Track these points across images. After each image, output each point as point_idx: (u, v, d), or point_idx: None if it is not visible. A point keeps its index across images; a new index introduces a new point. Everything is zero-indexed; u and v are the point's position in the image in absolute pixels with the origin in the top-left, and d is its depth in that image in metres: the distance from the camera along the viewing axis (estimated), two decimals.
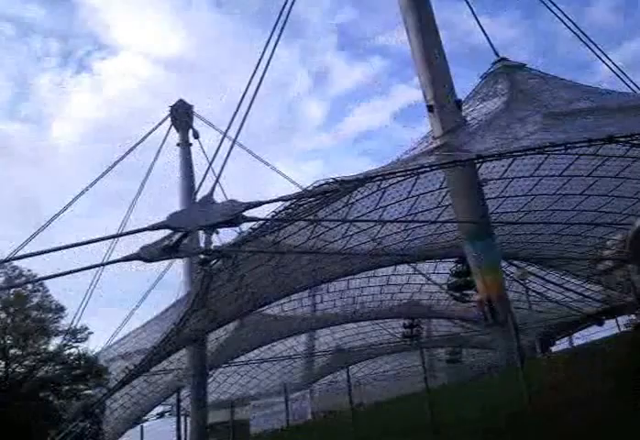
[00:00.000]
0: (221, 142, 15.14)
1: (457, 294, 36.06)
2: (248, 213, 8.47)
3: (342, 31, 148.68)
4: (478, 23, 27.31)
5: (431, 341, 44.45)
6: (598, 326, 37.36)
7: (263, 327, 38.19)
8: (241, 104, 15.21)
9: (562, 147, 13.52)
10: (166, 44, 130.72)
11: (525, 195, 26.51)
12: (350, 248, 25.72)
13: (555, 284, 37.53)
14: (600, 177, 24.44)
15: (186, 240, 8.49)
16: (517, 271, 32.80)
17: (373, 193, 21.95)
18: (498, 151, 15.38)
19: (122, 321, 39.34)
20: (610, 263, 30.95)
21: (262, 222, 15.67)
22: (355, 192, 20.41)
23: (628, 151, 21.10)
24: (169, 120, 39.77)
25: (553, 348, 38.22)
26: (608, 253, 30.15)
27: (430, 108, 22.07)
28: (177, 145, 39.85)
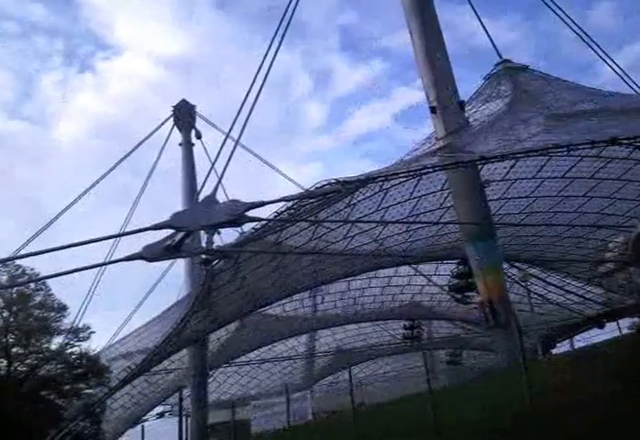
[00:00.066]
0: (224, 143, 15.21)
1: (458, 296, 36.00)
2: (251, 213, 8.44)
3: (344, 33, 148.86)
4: (481, 25, 27.30)
5: (432, 343, 44.37)
6: (599, 329, 37.26)
7: (264, 328, 38.16)
8: (243, 106, 15.25)
9: (565, 148, 13.50)
10: (169, 44, 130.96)
11: (527, 197, 26.48)
12: (352, 249, 25.70)
13: (556, 286, 37.44)
14: (602, 179, 24.40)
15: (188, 240, 8.48)
16: (519, 273, 32.73)
17: (375, 194, 21.92)
18: (501, 153, 15.36)
19: (123, 320, 39.49)
20: (611, 265, 30.91)
21: (265, 222, 15.69)
22: (357, 193, 20.39)
23: (631, 153, 21.06)
24: (171, 120, 39.87)
25: (554, 351, 38.11)
26: (610, 255, 30.11)
27: (433, 109, 22.08)
28: (179, 145, 39.90)
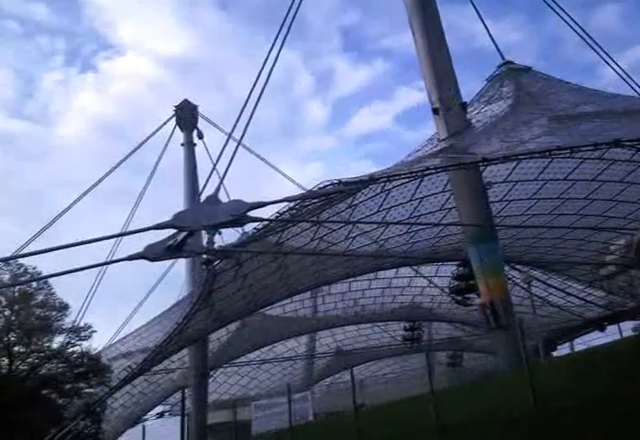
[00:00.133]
0: (226, 143, 15.13)
1: (458, 298, 35.97)
2: (253, 213, 8.44)
3: (345, 34, 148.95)
4: (484, 26, 27.22)
5: (432, 344, 44.33)
6: (600, 332, 37.19)
7: (264, 328, 38.15)
8: (246, 106, 15.21)
9: (568, 150, 13.48)
10: (171, 44, 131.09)
11: (529, 199, 26.43)
12: (353, 250, 25.69)
13: (557, 289, 37.39)
14: (604, 181, 24.36)
15: (190, 240, 8.47)
16: (522, 274, 32.62)
17: (377, 195, 21.91)
18: (503, 154, 15.33)
19: (124, 320, 39.58)
20: (613, 268, 30.85)
21: (266, 222, 15.69)
22: (358, 194, 20.39)
23: (634, 156, 21.03)
24: (173, 120, 39.94)
25: (554, 353, 38.05)
26: (611, 258, 30.06)
27: (435, 111, 22.04)
28: (181, 145, 39.98)
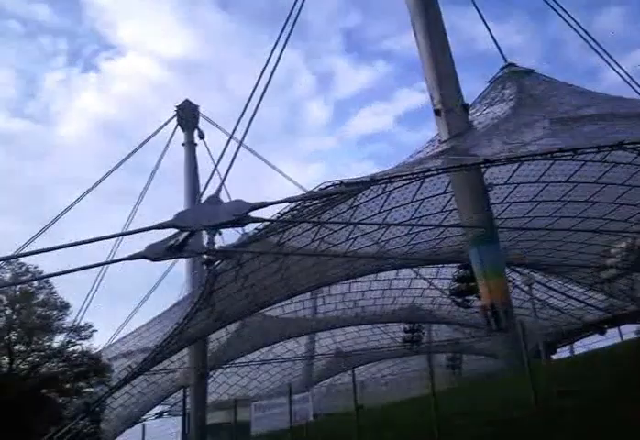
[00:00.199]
0: (227, 143, 15.14)
1: (458, 300, 35.96)
2: (254, 213, 8.41)
3: (347, 35, 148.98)
4: (487, 28, 27.32)
5: (432, 346, 44.27)
6: (600, 335, 37.16)
7: (264, 329, 38.11)
8: (247, 107, 15.20)
9: (571, 152, 13.44)
10: (172, 44, 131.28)
11: (531, 201, 26.36)
12: (354, 251, 25.64)
13: (557, 292, 37.34)
14: (606, 184, 24.29)
15: (192, 240, 8.46)
16: (523, 277, 32.56)
17: (378, 197, 21.85)
18: (505, 156, 15.30)
19: (124, 319, 39.55)
20: (614, 271, 30.79)
21: (267, 223, 15.64)
22: (360, 196, 20.34)
23: (636, 158, 20.99)
24: (175, 120, 39.95)
25: (554, 357, 38.01)
26: (612, 261, 30.00)
27: (437, 112, 22.05)
28: (182, 145, 39.99)
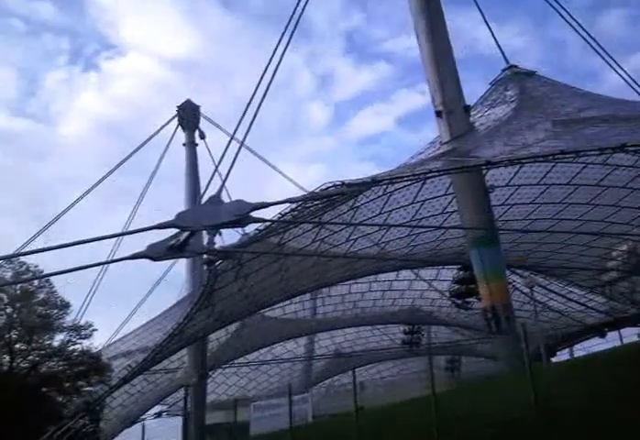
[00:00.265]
0: (228, 144, 15.07)
1: (458, 301, 35.84)
2: (255, 213, 8.39)
3: (349, 35, 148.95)
4: (490, 30, 27.33)
5: (432, 348, 44.15)
6: (600, 338, 37.07)
7: (263, 329, 38.06)
8: (248, 108, 15.15)
9: (573, 154, 13.41)
10: (174, 44, 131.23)
11: (532, 203, 26.34)
12: (354, 252, 25.61)
13: (557, 294, 37.27)
14: (607, 187, 24.27)
15: (193, 240, 8.43)
16: (525, 279, 32.46)
17: (379, 198, 21.83)
18: (507, 157, 15.27)
19: (124, 319, 39.50)
20: (615, 274, 30.74)
21: (268, 223, 15.62)
22: (360, 197, 20.31)
23: (638, 161, 20.96)
24: (176, 120, 39.90)
25: (554, 359, 37.93)
26: (613, 264, 29.95)
27: (438, 114, 22.02)
28: (183, 145, 39.93)
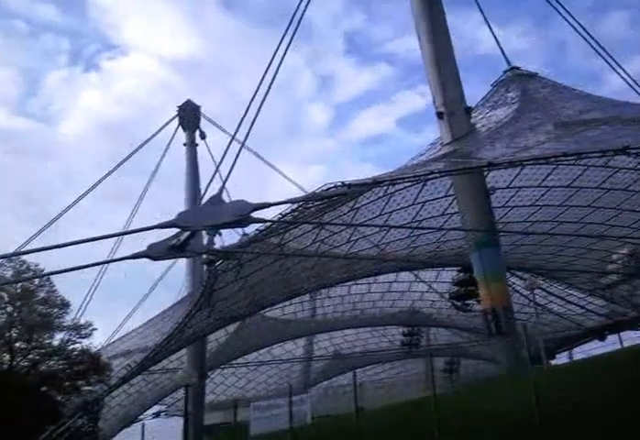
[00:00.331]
0: (229, 144, 15.03)
1: (458, 303, 35.78)
2: (256, 214, 8.35)
3: (350, 36, 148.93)
4: (490, 31, 27.32)
5: (432, 350, 44.09)
6: (600, 341, 36.97)
7: (263, 330, 37.99)
8: (249, 108, 15.12)
9: (574, 157, 13.38)
10: (175, 45, 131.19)
11: (532, 205, 26.29)
12: (354, 253, 25.56)
13: (557, 297, 37.19)
14: (608, 189, 24.23)
15: (193, 240, 8.40)
16: (527, 280, 32.31)
17: (379, 199, 21.79)
18: (509, 159, 15.23)
19: (123, 318, 39.48)
20: (615, 277, 30.66)
21: (269, 224, 15.58)
22: (361, 198, 20.28)
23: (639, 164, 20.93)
24: (176, 120, 39.88)
25: (552, 362, 37.85)
26: (613, 267, 29.87)
27: (440, 115, 22.01)
28: (184, 145, 39.89)
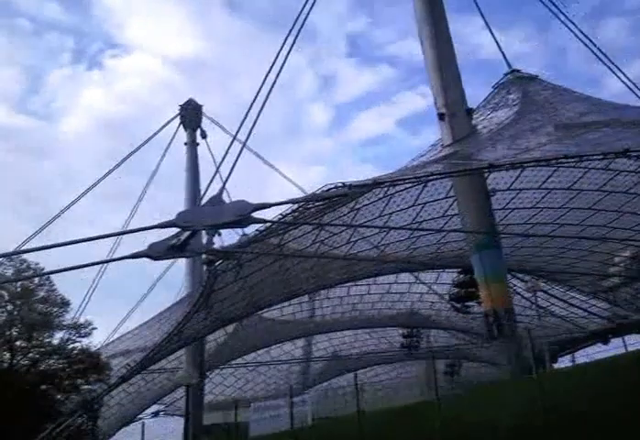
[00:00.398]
0: (230, 144, 15.03)
1: (458, 305, 35.72)
2: (256, 214, 8.36)
3: (352, 38, 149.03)
4: (491, 33, 27.41)
5: (432, 352, 44.00)
6: (603, 345, 36.80)
7: (261, 330, 37.96)
8: (251, 108, 15.12)
9: (575, 159, 13.36)
10: (179, 44, 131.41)
11: (533, 207, 26.27)
12: (354, 255, 25.54)
13: (559, 299, 37.09)
14: (609, 192, 24.21)
15: (193, 239, 8.39)
16: (529, 283, 32.24)
17: (379, 200, 21.75)
18: (510, 161, 15.23)
19: (122, 318, 39.48)
20: (617, 280, 30.60)
21: (269, 224, 15.56)
22: (361, 199, 20.26)
23: None
24: (178, 119, 39.85)
25: (555, 365, 37.72)
26: (615, 270, 29.82)
27: (441, 116, 22.03)
28: (185, 144, 39.86)
